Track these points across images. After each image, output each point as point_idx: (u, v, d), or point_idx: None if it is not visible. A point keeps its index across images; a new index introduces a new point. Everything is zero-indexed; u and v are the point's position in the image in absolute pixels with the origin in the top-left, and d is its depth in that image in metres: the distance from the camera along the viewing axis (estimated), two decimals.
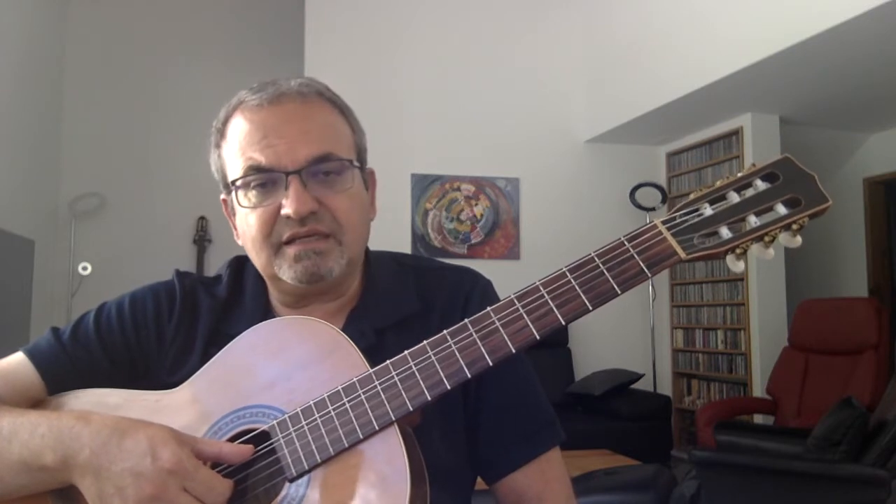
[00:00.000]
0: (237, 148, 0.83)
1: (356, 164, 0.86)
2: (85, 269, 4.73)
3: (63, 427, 0.71)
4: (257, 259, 0.85)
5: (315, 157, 0.81)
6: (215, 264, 4.88)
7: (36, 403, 0.83)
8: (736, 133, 4.73)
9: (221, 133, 0.86)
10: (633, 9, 4.80)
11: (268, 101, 0.82)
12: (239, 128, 0.83)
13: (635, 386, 4.76)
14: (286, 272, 0.82)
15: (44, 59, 4.82)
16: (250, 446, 0.73)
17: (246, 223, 0.83)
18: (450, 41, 5.11)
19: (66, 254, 4.85)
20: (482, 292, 0.91)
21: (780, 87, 4.19)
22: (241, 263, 0.94)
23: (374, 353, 0.76)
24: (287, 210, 0.79)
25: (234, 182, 0.83)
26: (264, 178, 0.81)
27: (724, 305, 4.90)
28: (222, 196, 0.89)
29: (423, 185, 5.02)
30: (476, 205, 5.09)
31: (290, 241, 0.81)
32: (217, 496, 0.68)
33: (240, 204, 0.83)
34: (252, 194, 0.82)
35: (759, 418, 4.47)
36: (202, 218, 5.11)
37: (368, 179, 0.90)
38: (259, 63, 4.92)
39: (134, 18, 5.28)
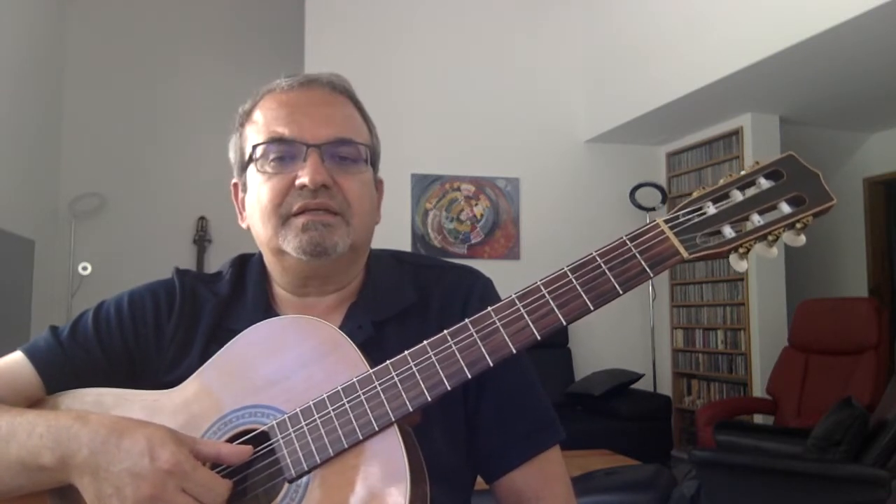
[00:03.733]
0: (262, 124, 0.85)
1: (370, 161, 0.88)
2: (85, 269, 4.72)
3: (61, 427, 0.71)
4: (263, 231, 0.85)
5: (337, 137, 0.84)
6: (215, 264, 4.86)
7: (34, 403, 0.82)
8: (736, 133, 4.73)
9: (248, 114, 0.89)
10: (633, 9, 4.79)
11: (298, 84, 0.87)
12: (266, 107, 0.86)
13: (635, 386, 4.76)
14: (291, 242, 0.82)
15: (44, 59, 4.81)
16: (249, 447, 0.73)
17: (258, 194, 0.85)
18: (450, 41, 5.11)
19: (66, 254, 4.85)
20: (482, 291, 0.91)
21: (780, 87, 4.19)
22: (243, 261, 0.94)
23: (373, 346, 0.76)
24: (303, 179, 0.81)
25: (255, 146, 0.85)
26: (284, 150, 0.83)
27: (724, 305, 4.89)
28: (234, 180, 0.91)
29: (423, 185, 5.01)
30: (476, 205, 5.09)
31: (299, 213, 0.82)
32: (216, 497, 0.68)
33: (257, 170, 0.85)
34: (270, 165, 0.84)
35: (759, 418, 4.46)
36: (202, 218, 5.11)
37: (378, 185, 0.93)
38: (259, 62, 4.91)
39: (134, 18, 5.27)
